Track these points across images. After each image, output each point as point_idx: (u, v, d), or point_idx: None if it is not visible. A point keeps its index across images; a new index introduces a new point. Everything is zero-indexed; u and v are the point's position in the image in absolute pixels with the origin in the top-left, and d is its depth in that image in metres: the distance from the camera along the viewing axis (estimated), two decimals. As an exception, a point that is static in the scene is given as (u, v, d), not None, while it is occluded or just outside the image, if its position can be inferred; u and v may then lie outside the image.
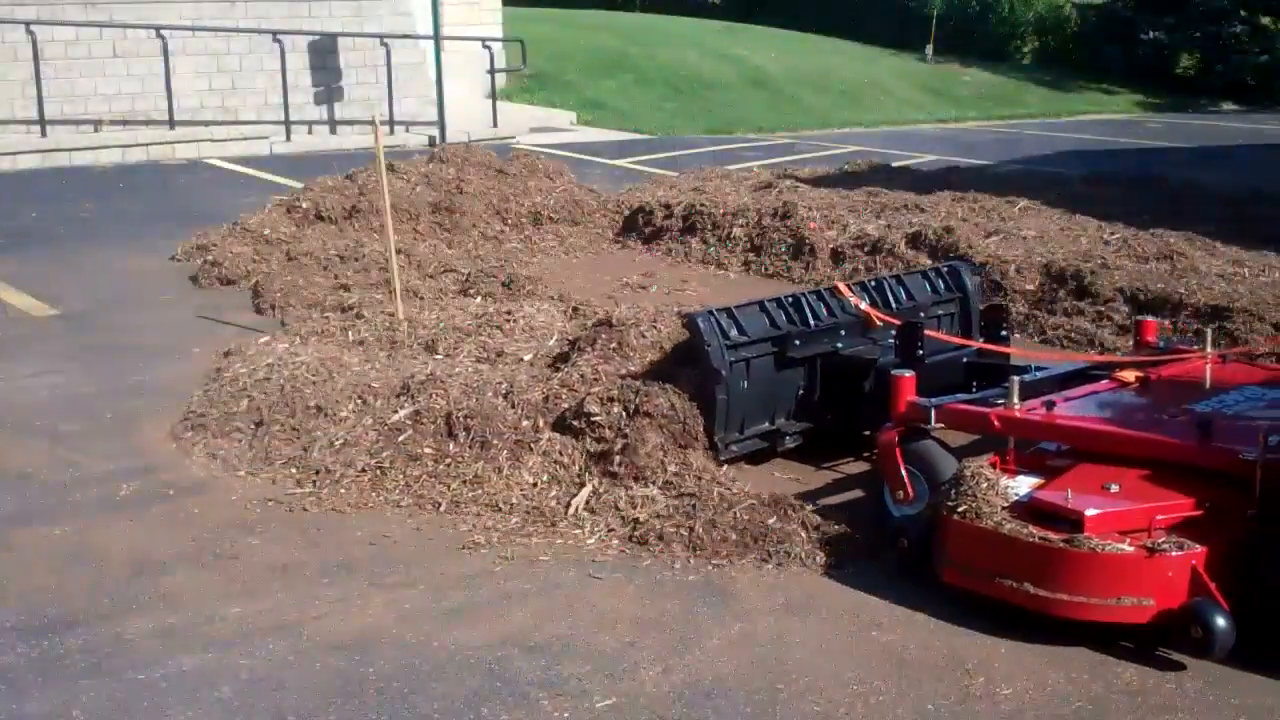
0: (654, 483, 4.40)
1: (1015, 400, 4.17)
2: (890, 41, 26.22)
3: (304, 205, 8.69)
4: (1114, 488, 3.76)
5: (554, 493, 4.44)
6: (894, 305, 5.36)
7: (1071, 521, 3.60)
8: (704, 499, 4.29)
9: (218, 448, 4.96)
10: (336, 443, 4.83)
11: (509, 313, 6.23)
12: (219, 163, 13.43)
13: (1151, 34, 25.39)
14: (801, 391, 5.07)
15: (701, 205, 8.97)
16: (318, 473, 4.67)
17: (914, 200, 9.18)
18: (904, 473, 4.27)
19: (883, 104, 21.40)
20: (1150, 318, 5.24)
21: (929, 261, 7.71)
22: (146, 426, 5.27)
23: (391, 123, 15.51)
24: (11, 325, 6.93)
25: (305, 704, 3.24)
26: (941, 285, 5.68)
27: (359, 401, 5.08)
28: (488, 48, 17.01)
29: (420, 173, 9.45)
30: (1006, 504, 3.76)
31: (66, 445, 5.09)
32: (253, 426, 5.06)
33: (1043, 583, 3.56)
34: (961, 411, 4.32)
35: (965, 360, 5.06)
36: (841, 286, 5.29)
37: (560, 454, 4.57)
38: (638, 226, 9.14)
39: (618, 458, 4.49)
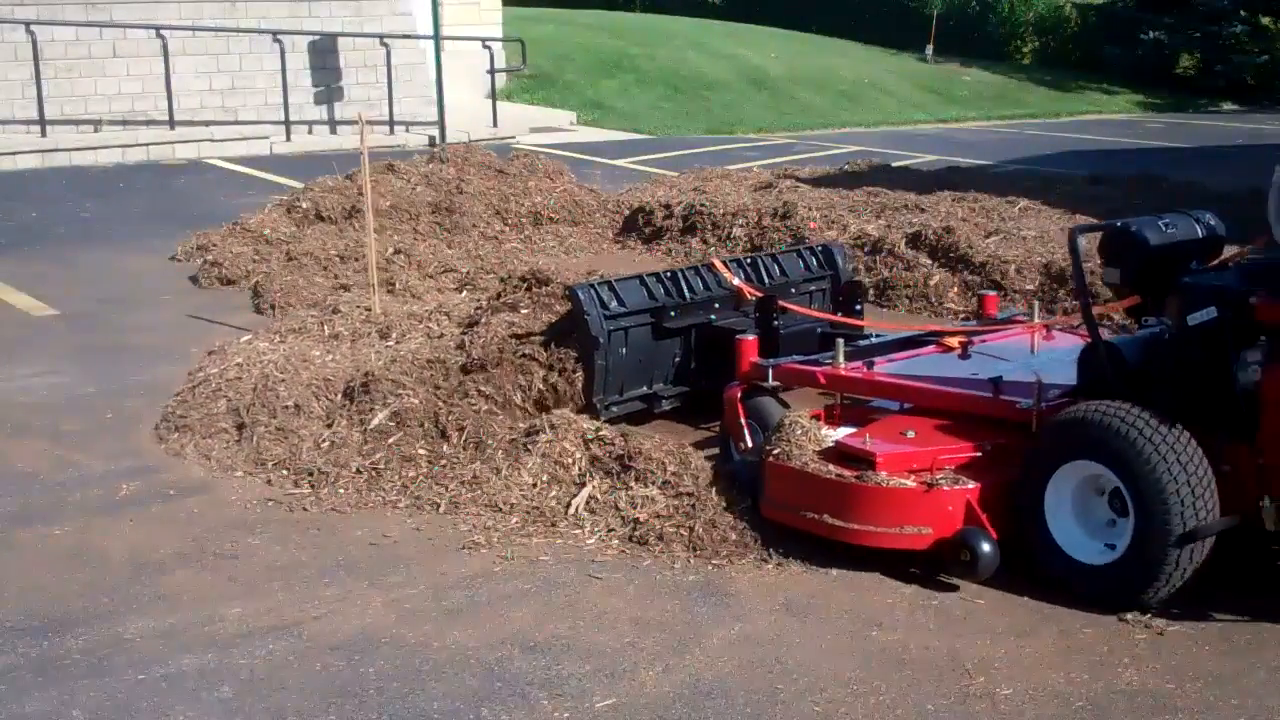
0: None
1: (840, 360, 4.72)
2: (890, 41, 26.22)
3: (304, 205, 8.69)
4: (910, 434, 4.27)
5: (553, 493, 4.44)
6: (767, 281, 5.79)
7: (867, 461, 4.08)
8: (704, 499, 4.28)
9: (208, 449, 4.96)
10: (324, 444, 4.83)
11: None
12: (219, 163, 13.43)
13: (1152, 34, 25.37)
14: (678, 359, 5.48)
15: (701, 205, 8.97)
16: (312, 474, 4.67)
17: (914, 200, 9.18)
18: (744, 425, 4.72)
19: (883, 104, 21.40)
20: (992, 292, 5.75)
21: (929, 261, 7.73)
22: (146, 427, 5.27)
23: (391, 123, 15.52)
24: (11, 325, 6.93)
25: (305, 704, 3.24)
26: (815, 263, 6.11)
27: (325, 399, 5.14)
28: (488, 48, 17.01)
29: (420, 173, 9.45)
30: (818, 448, 4.23)
31: (66, 445, 5.10)
32: (235, 429, 5.04)
33: (839, 514, 4.02)
34: (794, 370, 4.82)
35: (819, 330, 5.48)
36: (717, 263, 5.72)
37: (559, 455, 4.57)
38: (638, 226, 9.14)
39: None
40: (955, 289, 7.51)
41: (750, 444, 4.66)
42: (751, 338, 4.95)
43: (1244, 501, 3.72)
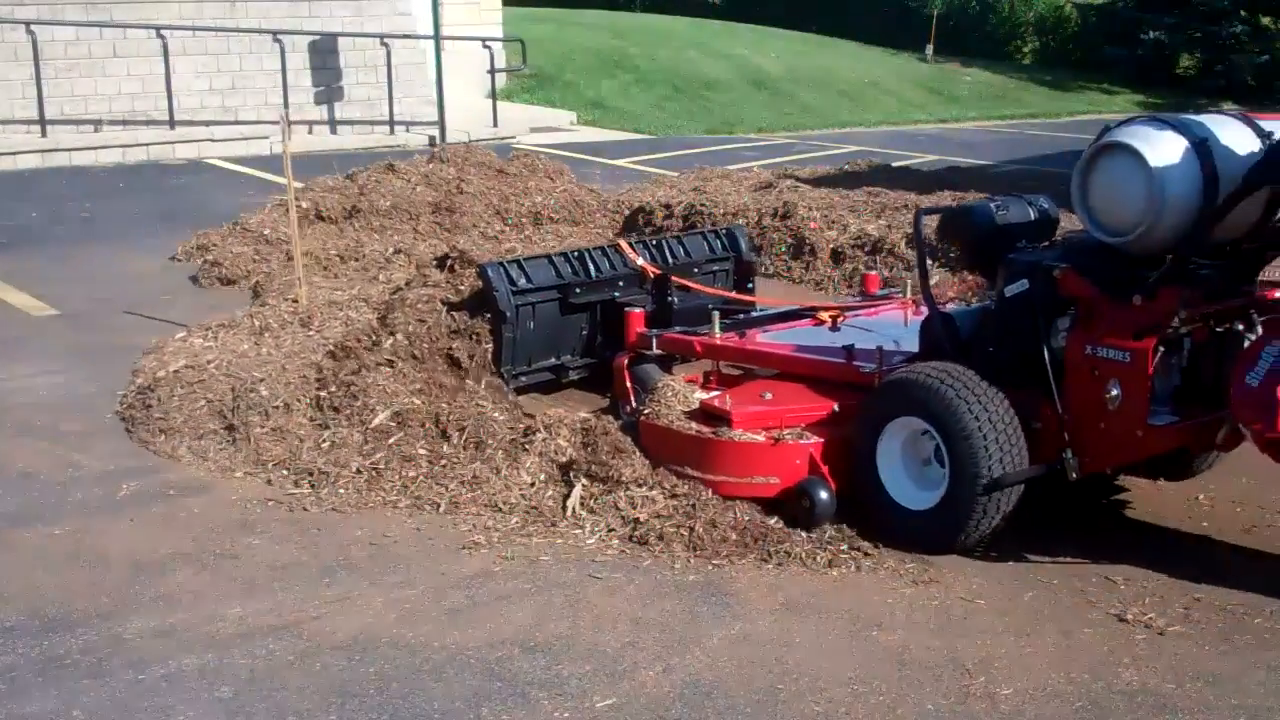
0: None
1: (716, 330, 5.20)
2: (890, 41, 26.22)
3: (304, 205, 8.69)
4: (768, 395, 4.67)
5: (551, 492, 4.44)
6: (671, 261, 6.13)
7: (724, 419, 4.48)
8: (703, 499, 4.29)
9: (203, 450, 4.95)
10: (324, 444, 4.83)
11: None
12: (219, 163, 13.43)
13: (1152, 34, 25.37)
14: (585, 332, 5.85)
15: (701, 205, 8.97)
16: (312, 474, 4.67)
17: (914, 200, 9.16)
18: (629, 389, 5.24)
19: (883, 104, 21.40)
20: (874, 271, 6.04)
21: (929, 261, 7.73)
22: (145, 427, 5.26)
23: (391, 123, 15.53)
24: (11, 325, 6.93)
25: (305, 704, 3.24)
26: (719, 245, 6.43)
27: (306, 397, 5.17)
28: (488, 48, 17.01)
29: (420, 173, 9.45)
30: (685, 408, 4.65)
31: (66, 445, 5.09)
32: (224, 430, 5.03)
33: (699, 466, 4.42)
34: (675, 339, 5.33)
35: (711, 306, 5.70)
36: (623, 244, 6.09)
37: (555, 454, 4.57)
38: (638, 226, 9.13)
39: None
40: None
41: (634, 406, 5.06)
42: (638, 310, 5.49)
43: (1051, 454, 4.10)
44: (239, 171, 12.86)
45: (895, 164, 12.94)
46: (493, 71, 16.87)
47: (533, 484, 4.49)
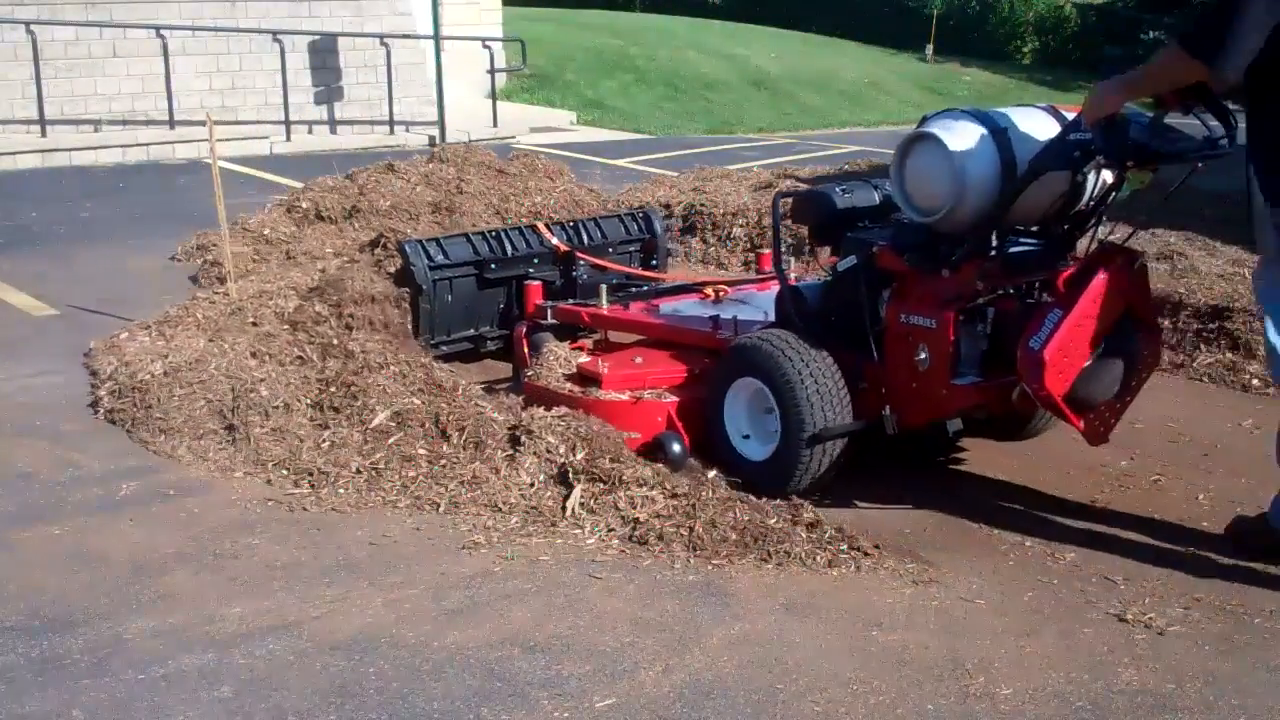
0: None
1: (603, 302, 5.76)
2: (890, 41, 26.23)
3: (304, 205, 8.69)
4: (639, 360, 5.20)
5: (551, 493, 4.44)
6: (587, 241, 6.58)
7: (596, 381, 5.02)
8: (703, 499, 4.29)
9: (203, 450, 4.95)
10: (324, 444, 4.83)
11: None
12: (219, 163, 13.42)
13: (1152, 34, 25.37)
14: (502, 305, 6.33)
15: (701, 205, 8.97)
16: (312, 474, 4.67)
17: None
18: (527, 355, 5.63)
19: (883, 104, 21.41)
20: (767, 250, 6.43)
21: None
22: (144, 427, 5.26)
23: (391, 123, 15.53)
24: (11, 325, 6.93)
25: (305, 704, 3.24)
26: (635, 227, 6.91)
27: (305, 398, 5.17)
28: (488, 48, 17.01)
29: (420, 173, 9.44)
30: (565, 371, 5.19)
31: (66, 445, 5.09)
32: (225, 429, 5.03)
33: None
34: (567, 310, 5.85)
35: (614, 280, 6.24)
36: (540, 226, 6.57)
37: (552, 454, 4.57)
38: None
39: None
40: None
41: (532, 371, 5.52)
42: (536, 283, 6.08)
43: (875, 411, 4.55)
44: (239, 171, 12.86)
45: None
46: (492, 71, 16.88)
47: (532, 484, 4.49)
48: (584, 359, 5.31)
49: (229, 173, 12.77)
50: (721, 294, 5.81)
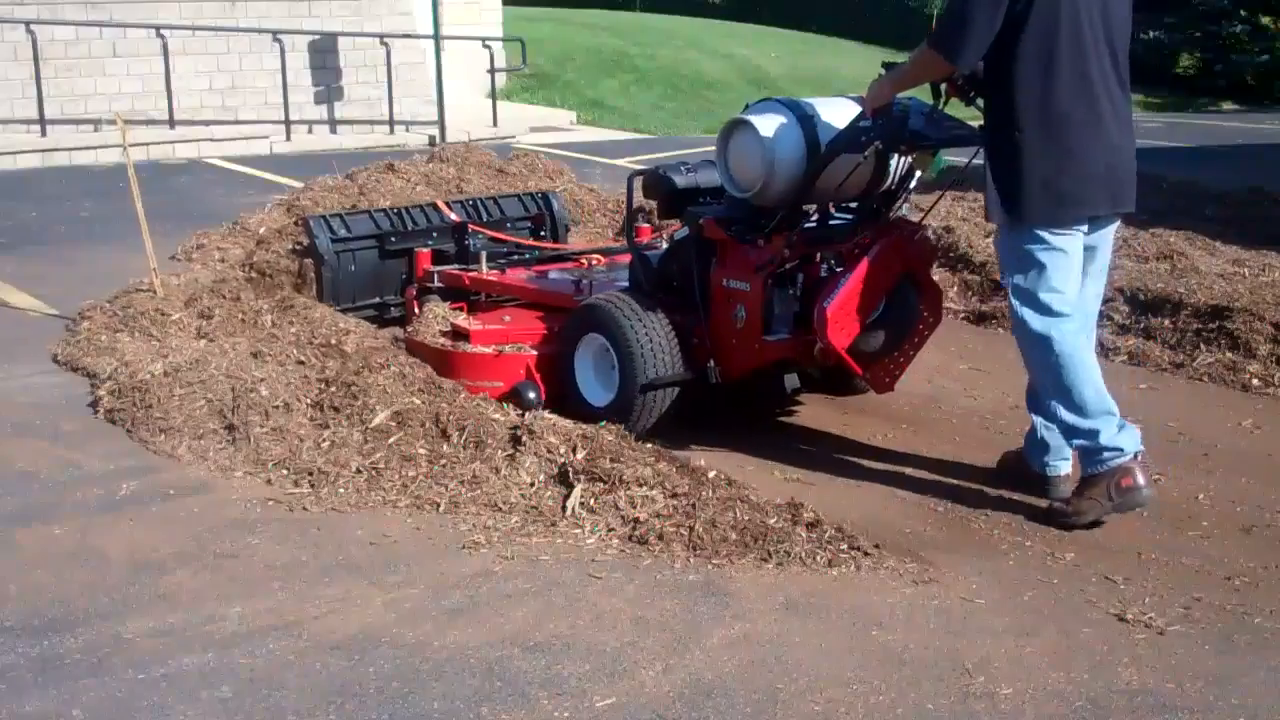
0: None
1: (483, 267, 6.26)
2: (891, 41, 26.21)
3: (304, 205, 8.69)
4: (507, 319, 5.77)
5: (550, 492, 4.44)
6: (485, 218, 7.09)
7: (465, 336, 5.57)
8: (703, 499, 4.29)
9: (203, 450, 4.95)
10: (324, 444, 4.83)
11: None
12: (219, 162, 13.44)
13: (1151, 34, 25.37)
14: (404, 276, 6.74)
15: (701, 205, 8.95)
16: (312, 474, 4.66)
17: (914, 200, 9.15)
18: (415, 315, 6.11)
19: (883, 104, 21.37)
20: (647, 224, 6.80)
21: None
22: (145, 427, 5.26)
23: (391, 123, 15.53)
24: (11, 325, 6.93)
25: (305, 704, 3.24)
26: (534, 207, 7.43)
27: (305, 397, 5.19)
28: (488, 47, 17.02)
29: (420, 173, 9.45)
30: (441, 328, 5.73)
31: (66, 445, 5.09)
32: (225, 429, 5.03)
33: (445, 373, 5.39)
34: (450, 274, 6.35)
35: (507, 250, 6.79)
36: (440, 203, 7.12)
37: (552, 454, 4.57)
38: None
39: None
40: (955, 289, 7.52)
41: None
42: (425, 250, 6.58)
43: (703, 364, 5.11)
44: (239, 171, 12.87)
45: (895, 164, 12.91)
46: (493, 71, 16.88)
47: (532, 484, 4.49)
48: (458, 317, 5.85)
49: (228, 172, 12.79)
50: (596, 262, 6.38)
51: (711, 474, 4.50)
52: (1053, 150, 4.25)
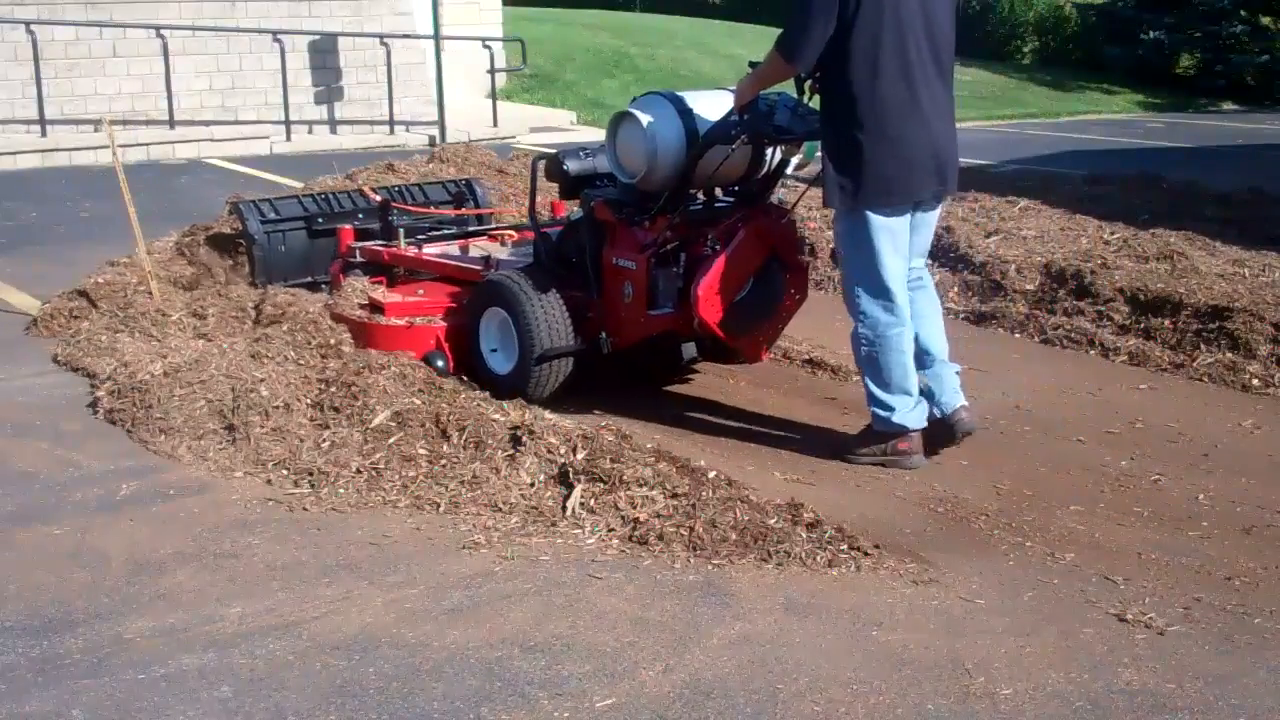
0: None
1: (401, 242, 6.61)
2: (890, 41, 26.16)
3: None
4: (421, 292, 6.11)
5: (550, 492, 4.44)
6: (408, 202, 7.43)
7: (380, 309, 5.92)
8: (703, 499, 4.28)
9: (203, 450, 4.95)
10: (324, 444, 4.83)
11: None
12: (219, 162, 13.44)
13: (1152, 34, 25.35)
14: (334, 255, 7.00)
15: (701, 205, 8.95)
16: (312, 474, 4.66)
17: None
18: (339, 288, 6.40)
19: (883, 104, 21.33)
20: (562, 200, 6.78)
21: (929, 261, 7.76)
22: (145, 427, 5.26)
23: (391, 123, 15.53)
24: (12, 325, 6.93)
25: (305, 704, 3.24)
26: (461, 192, 7.79)
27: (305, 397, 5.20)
28: (488, 47, 17.02)
29: (420, 172, 9.44)
30: (360, 300, 6.07)
31: (66, 445, 5.10)
32: (225, 429, 5.03)
33: (363, 342, 5.74)
34: (371, 249, 6.68)
35: (427, 228, 7.14)
36: (365, 189, 7.52)
37: (552, 454, 4.57)
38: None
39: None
40: (955, 289, 7.52)
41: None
42: (348, 228, 6.90)
43: (595, 335, 5.48)
44: (239, 171, 12.87)
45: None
46: (492, 71, 16.88)
47: (533, 484, 4.49)
48: (376, 291, 6.17)
49: (229, 173, 12.79)
50: (510, 239, 6.70)
51: (711, 474, 4.50)
52: (880, 140, 4.68)
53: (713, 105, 5.28)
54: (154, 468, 4.86)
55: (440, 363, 5.64)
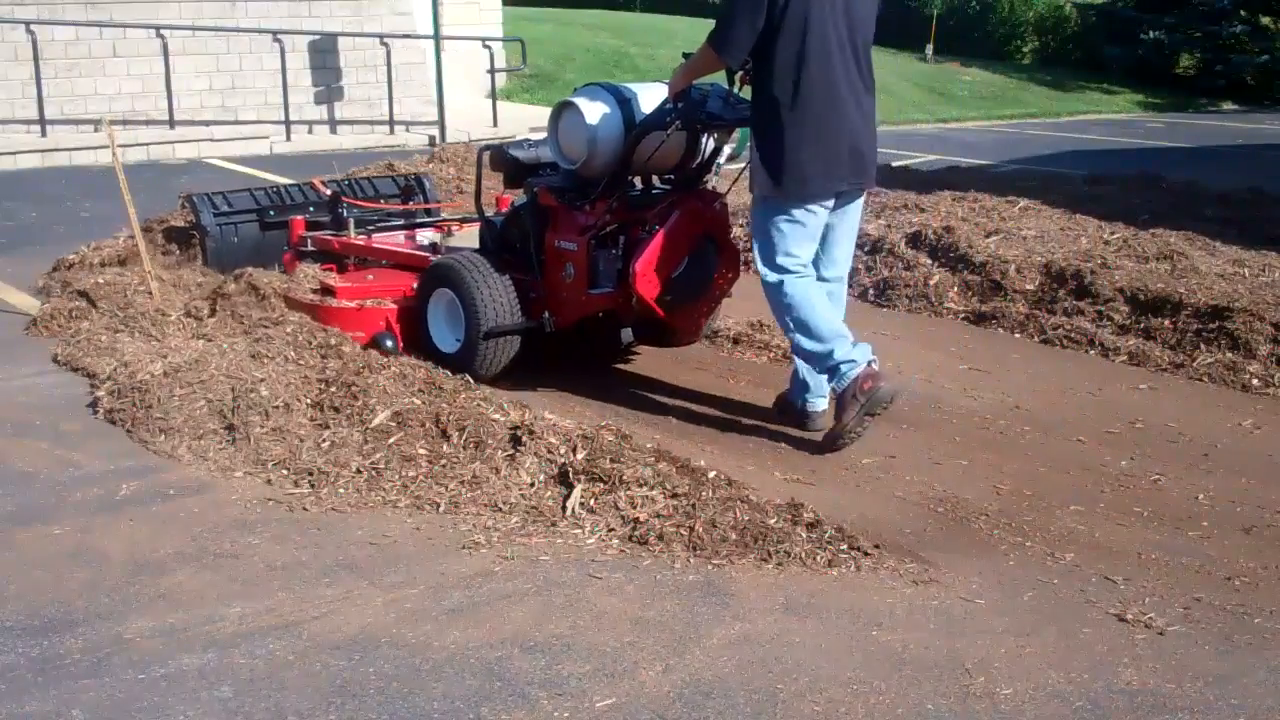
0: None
1: (351, 232, 6.98)
2: (890, 41, 26.20)
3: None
4: (370, 277, 6.45)
5: (550, 492, 4.44)
6: (358, 194, 7.77)
7: (332, 292, 6.24)
8: (703, 499, 4.28)
9: (203, 449, 4.95)
10: (324, 444, 4.83)
11: None
12: (219, 162, 13.44)
13: (1152, 34, 25.37)
14: (286, 247, 7.28)
15: (701, 205, 8.95)
16: (312, 474, 4.66)
17: (914, 200, 9.18)
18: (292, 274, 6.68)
19: (883, 104, 21.30)
20: (507, 194, 7.24)
21: (929, 261, 7.75)
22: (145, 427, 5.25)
23: (391, 123, 15.53)
24: (12, 325, 6.93)
25: (305, 704, 3.24)
26: (410, 186, 8.08)
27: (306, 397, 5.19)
28: (488, 47, 17.02)
29: (420, 173, 9.44)
30: (312, 285, 6.38)
31: (66, 445, 5.09)
32: (225, 429, 5.03)
33: (319, 322, 5.92)
34: (321, 238, 7.04)
35: (377, 219, 7.43)
36: (315, 182, 7.76)
37: (552, 454, 4.57)
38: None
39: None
40: (955, 289, 7.52)
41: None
42: (300, 218, 7.25)
43: (538, 315, 5.76)
44: (239, 171, 12.87)
45: (895, 164, 12.95)
46: (493, 71, 16.87)
47: (532, 484, 4.49)
48: (328, 277, 6.47)
49: (228, 173, 12.79)
50: (456, 229, 7.00)
51: (711, 474, 4.50)
52: (801, 132, 4.96)
53: (650, 96, 5.62)
54: (154, 468, 4.86)
55: (389, 343, 5.91)
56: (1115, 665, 3.46)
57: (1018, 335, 6.97)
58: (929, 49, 25.28)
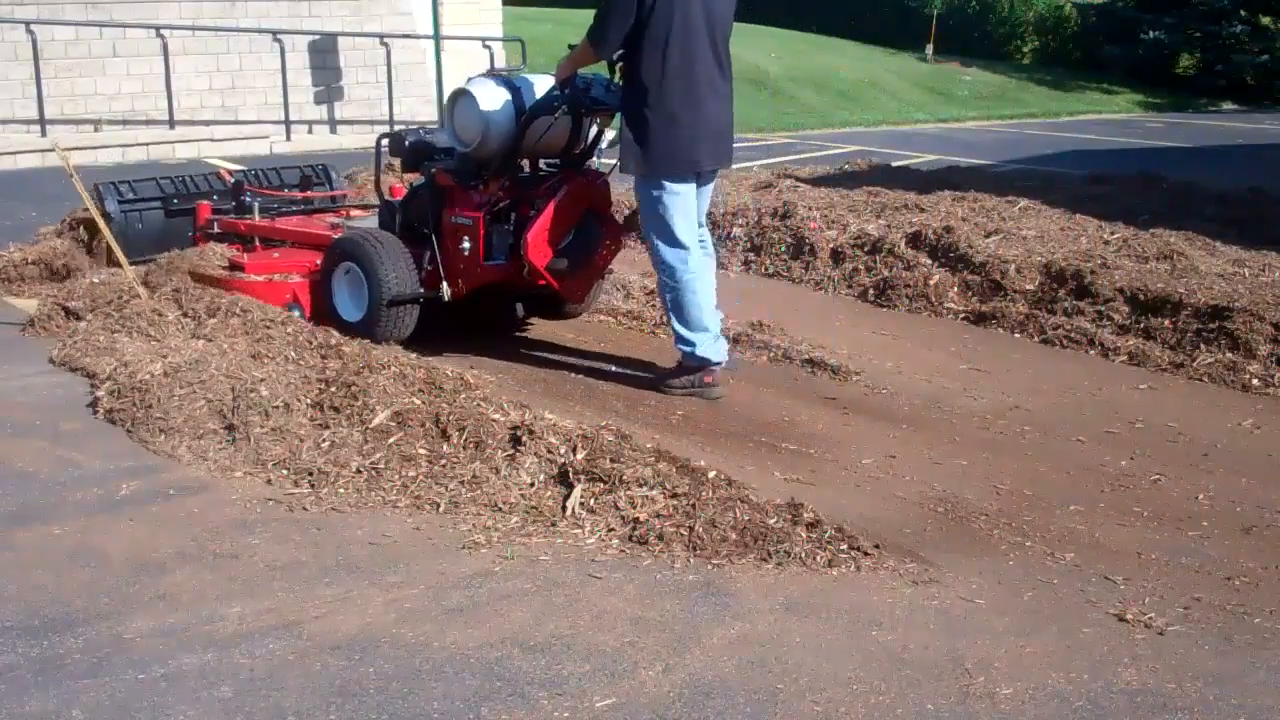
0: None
1: (255, 215, 7.41)
2: (890, 41, 26.23)
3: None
4: (276, 255, 6.92)
5: (550, 492, 4.44)
6: (263, 184, 8.07)
7: (240, 268, 6.69)
8: (703, 499, 4.28)
9: (203, 449, 4.95)
10: (324, 444, 4.83)
11: None
12: (219, 162, 13.42)
13: (1152, 34, 25.38)
14: (192, 232, 7.73)
15: (701, 205, 8.95)
16: (312, 473, 4.66)
17: (914, 200, 9.18)
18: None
19: (883, 104, 21.40)
20: (404, 172, 7.71)
21: (929, 261, 7.75)
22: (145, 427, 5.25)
23: (391, 123, 15.53)
24: (11, 325, 6.93)
25: (305, 704, 3.24)
26: (313, 175, 8.47)
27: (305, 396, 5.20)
28: (488, 48, 17.02)
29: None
30: (224, 264, 6.83)
31: (66, 445, 5.09)
32: (225, 429, 5.03)
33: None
34: (227, 221, 7.51)
35: (278, 205, 7.84)
36: (222, 170, 8.31)
37: (552, 454, 4.57)
38: (637, 227, 9.12)
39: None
40: (955, 289, 7.52)
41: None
42: (206, 204, 7.69)
43: (436, 285, 6.22)
44: (239, 171, 12.85)
45: (895, 164, 12.94)
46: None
47: (532, 484, 4.48)
48: (234, 253, 6.97)
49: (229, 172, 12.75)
50: (357, 214, 7.53)
51: (711, 474, 4.50)
52: (665, 117, 5.57)
53: (538, 85, 6.15)
54: (154, 467, 4.85)
55: (296, 313, 6.33)
56: (1115, 665, 3.46)
57: (1018, 335, 6.97)
58: (929, 49, 25.29)
